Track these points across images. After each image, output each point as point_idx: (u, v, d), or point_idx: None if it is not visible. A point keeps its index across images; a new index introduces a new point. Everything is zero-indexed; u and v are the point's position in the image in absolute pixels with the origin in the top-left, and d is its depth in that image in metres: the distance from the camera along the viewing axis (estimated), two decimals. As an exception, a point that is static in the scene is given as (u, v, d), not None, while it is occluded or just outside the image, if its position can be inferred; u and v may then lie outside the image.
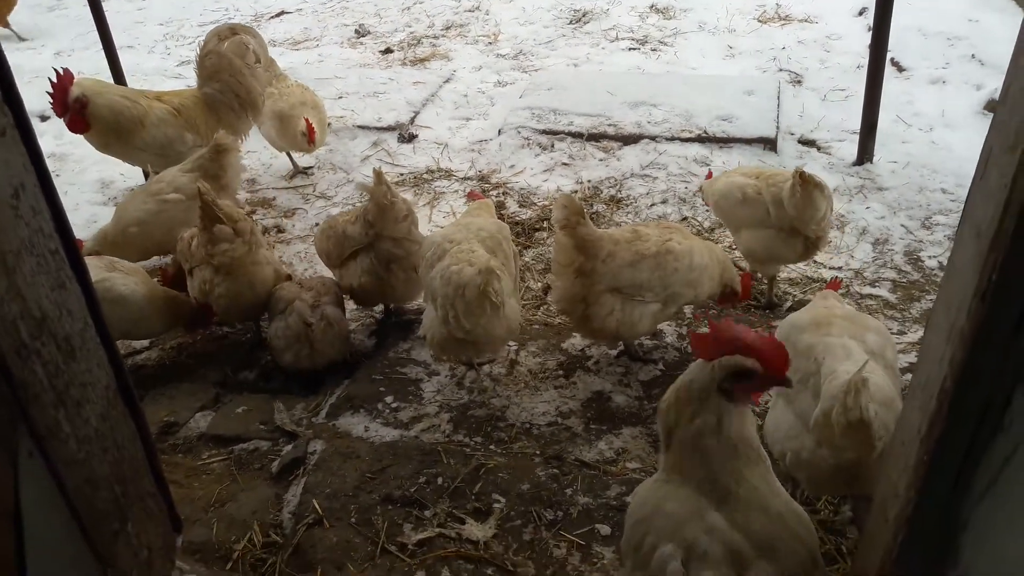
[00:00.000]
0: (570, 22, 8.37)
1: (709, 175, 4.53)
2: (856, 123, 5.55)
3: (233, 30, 4.99)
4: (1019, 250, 1.30)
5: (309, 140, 5.17)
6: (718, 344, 1.94)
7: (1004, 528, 1.43)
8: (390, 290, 3.88)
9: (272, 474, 3.22)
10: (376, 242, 3.77)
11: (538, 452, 3.23)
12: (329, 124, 5.70)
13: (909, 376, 3.60)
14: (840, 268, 4.48)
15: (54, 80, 4.55)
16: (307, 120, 5.16)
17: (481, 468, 3.08)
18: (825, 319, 2.76)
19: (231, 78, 4.85)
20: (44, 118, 6.63)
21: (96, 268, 3.65)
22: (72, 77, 4.65)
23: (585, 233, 3.41)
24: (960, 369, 1.40)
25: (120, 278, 3.70)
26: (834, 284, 3.48)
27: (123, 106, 4.66)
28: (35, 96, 6.75)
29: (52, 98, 4.61)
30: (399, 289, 3.88)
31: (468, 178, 5.61)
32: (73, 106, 4.54)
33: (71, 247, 1.82)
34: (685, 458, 1.96)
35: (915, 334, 3.94)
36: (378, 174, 3.69)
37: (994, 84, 6.14)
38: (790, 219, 3.82)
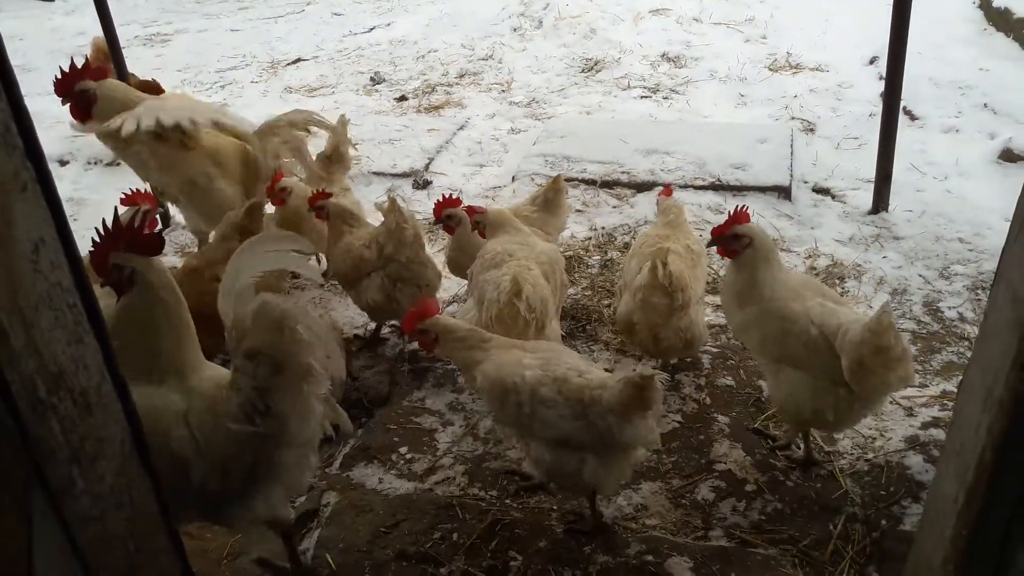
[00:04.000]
0: (582, 71, 8.46)
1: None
2: (870, 171, 5.55)
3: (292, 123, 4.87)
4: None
5: None
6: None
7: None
8: (397, 306, 4.09)
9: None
10: (386, 263, 4.03)
11: (555, 507, 3.16)
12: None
13: (933, 432, 3.55)
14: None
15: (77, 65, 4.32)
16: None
17: (497, 524, 3.01)
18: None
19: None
20: (63, 162, 6.70)
21: None
22: (103, 72, 4.49)
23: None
24: (1000, 438, 1.35)
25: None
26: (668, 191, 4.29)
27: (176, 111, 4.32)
28: (55, 141, 6.88)
29: (61, 76, 4.32)
30: (405, 305, 4.07)
31: (482, 225, 5.61)
32: (79, 95, 4.34)
33: (89, 300, 1.80)
34: None
35: (936, 387, 3.88)
36: (392, 201, 3.99)
37: (1008, 133, 6.15)
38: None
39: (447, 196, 4.22)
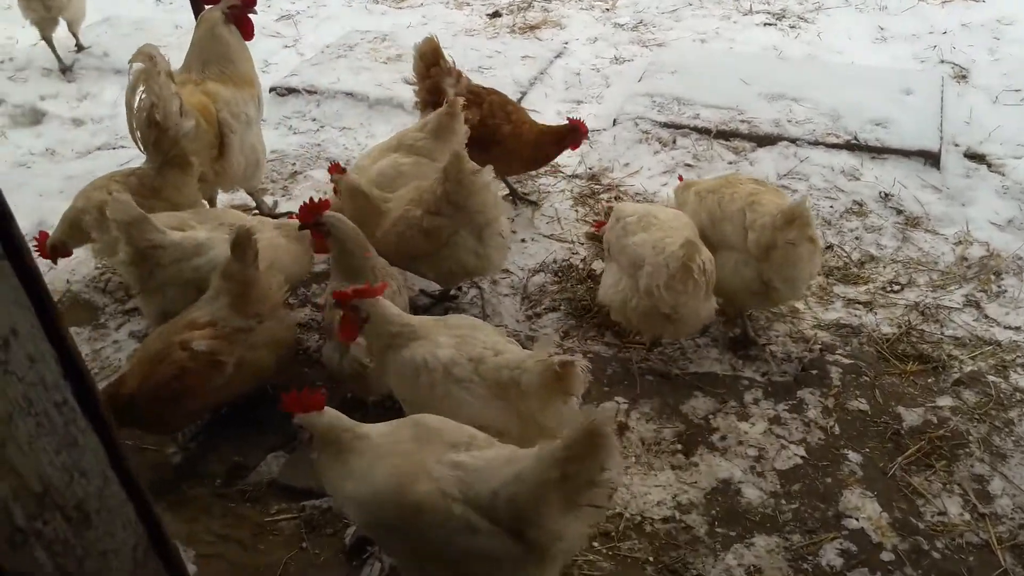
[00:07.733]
0: (698, -12, 7.53)
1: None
2: (1036, 135, 4.71)
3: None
4: None
5: None
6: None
7: None
8: (487, 262, 3.77)
9: (345, 547, 2.83)
10: (468, 220, 3.63)
11: (651, 559, 2.73)
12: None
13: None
14: (1019, 328, 3.75)
15: None
16: None
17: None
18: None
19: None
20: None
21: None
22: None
23: None
24: None
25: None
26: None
27: None
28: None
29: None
30: (495, 258, 3.79)
31: (576, 175, 5.03)
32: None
33: (86, 391, 1.38)
34: None
35: (1115, 425, 3.24)
36: (456, 155, 3.53)
37: None
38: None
39: (313, 200, 3.33)
